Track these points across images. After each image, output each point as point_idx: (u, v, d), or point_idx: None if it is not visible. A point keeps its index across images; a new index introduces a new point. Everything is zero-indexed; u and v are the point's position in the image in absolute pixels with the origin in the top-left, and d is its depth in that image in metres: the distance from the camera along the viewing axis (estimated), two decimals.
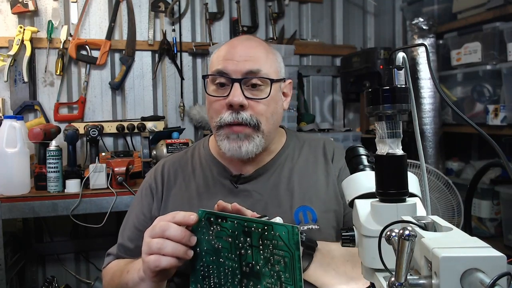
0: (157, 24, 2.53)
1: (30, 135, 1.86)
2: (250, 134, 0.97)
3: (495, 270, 0.41)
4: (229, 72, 0.97)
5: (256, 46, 1.02)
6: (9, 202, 1.75)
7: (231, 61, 0.98)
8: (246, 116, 0.96)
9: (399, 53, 0.60)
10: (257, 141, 0.98)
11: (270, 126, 1.00)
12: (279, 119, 1.06)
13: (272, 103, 1.00)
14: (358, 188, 0.67)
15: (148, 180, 1.13)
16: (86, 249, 2.44)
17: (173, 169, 1.11)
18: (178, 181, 1.08)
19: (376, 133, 0.60)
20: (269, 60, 1.02)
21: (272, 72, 1.01)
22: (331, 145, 1.13)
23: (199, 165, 1.10)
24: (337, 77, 2.89)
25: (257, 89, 0.98)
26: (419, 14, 2.60)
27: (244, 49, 1.00)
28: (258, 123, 0.97)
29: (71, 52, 2.33)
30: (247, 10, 2.70)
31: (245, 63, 0.97)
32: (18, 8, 2.24)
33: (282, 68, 1.07)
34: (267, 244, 0.72)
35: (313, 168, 1.08)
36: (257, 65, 0.98)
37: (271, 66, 1.02)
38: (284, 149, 1.10)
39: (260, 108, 0.98)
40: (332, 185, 1.05)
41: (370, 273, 0.61)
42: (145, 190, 1.11)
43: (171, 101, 2.57)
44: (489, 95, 2.26)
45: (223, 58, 0.99)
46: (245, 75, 0.97)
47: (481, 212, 2.29)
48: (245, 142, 0.97)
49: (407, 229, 0.46)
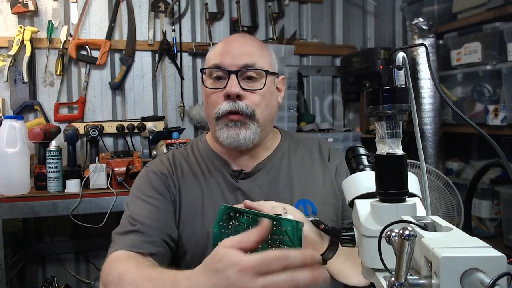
0: (157, 24, 2.53)
1: (30, 135, 1.86)
2: (246, 122, 1.01)
3: (495, 270, 0.41)
4: (225, 66, 1.02)
5: (250, 42, 1.07)
6: (9, 202, 1.75)
7: (228, 55, 1.02)
8: (242, 105, 1.00)
9: (399, 53, 0.60)
10: (253, 129, 1.02)
11: (265, 116, 1.04)
12: (274, 112, 1.09)
13: (267, 94, 1.05)
14: (358, 188, 0.67)
15: (156, 167, 1.08)
16: (86, 249, 2.44)
17: (178, 160, 1.11)
18: (185, 171, 1.09)
19: (376, 133, 0.60)
20: (263, 54, 1.06)
21: (267, 65, 1.05)
22: (326, 144, 1.18)
23: (201, 158, 1.12)
24: (337, 77, 2.89)
25: (252, 81, 1.03)
26: (419, 14, 2.60)
27: (239, 44, 1.05)
28: (254, 112, 1.01)
29: (71, 52, 2.33)
30: (247, 10, 2.70)
31: (241, 57, 1.02)
32: (18, 8, 2.24)
33: (275, 64, 1.11)
34: (275, 238, 0.73)
35: (309, 164, 1.11)
36: (252, 59, 1.02)
37: (265, 60, 1.06)
38: (280, 146, 1.13)
39: (255, 98, 1.02)
40: (329, 180, 1.09)
41: (370, 273, 0.61)
42: (154, 175, 1.06)
43: (171, 101, 2.57)
44: (489, 95, 2.26)
45: (219, 53, 1.04)
46: (241, 68, 1.01)
47: (481, 212, 2.28)
48: (242, 129, 1.01)
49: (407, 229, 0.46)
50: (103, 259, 1.08)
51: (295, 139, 1.18)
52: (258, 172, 1.08)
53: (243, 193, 1.05)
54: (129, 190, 1.80)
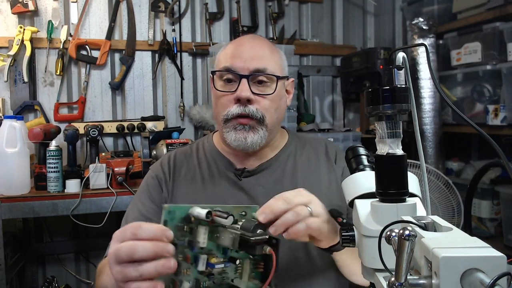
0: (157, 24, 2.53)
1: (30, 135, 1.86)
2: (255, 126, 1.02)
3: (495, 270, 0.41)
4: (237, 69, 1.01)
5: (261, 44, 1.06)
6: (9, 202, 1.75)
7: (239, 58, 1.02)
8: (252, 109, 1.01)
9: (399, 53, 0.60)
10: (261, 133, 1.03)
11: (273, 120, 1.05)
12: (282, 115, 1.10)
13: (277, 99, 1.05)
14: (358, 188, 0.67)
15: (155, 171, 1.13)
16: (86, 249, 2.44)
17: (179, 161, 1.13)
18: (183, 172, 1.11)
19: (376, 133, 0.60)
20: (274, 58, 1.06)
21: (278, 69, 1.05)
22: (333, 146, 1.18)
23: (204, 157, 1.13)
24: (337, 77, 2.89)
25: (263, 85, 1.03)
26: (419, 14, 2.60)
27: (250, 47, 1.04)
28: (263, 117, 1.02)
29: (71, 52, 2.33)
30: (247, 10, 2.70)
31: (252, 61, 1.01)
32: (18, 8, 2.24)
33: (285, 66, 1.11)
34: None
35: (315, 165, 1.12)
36: (263, 63, 1.02)
37: (276, 64, 1.06)
38: (287, 146, 1.14)
39: (265, 103, 1.02)
40: (335, 182, 1.09)
41: (370, 273, 0.61)
42: (151, 180, 1.12)
43: (171, 101, 2.57)
44: (489, 95, 2.26)
45: (230, 56, 1.03)
46: (252, 72, 1.01)
47: (481, 212, 2.28)
48: (250, 133, 1.02)
49: (407, 229, 0.46)
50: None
51: (301, 139, 1.18)
52: (262, 172, 1.08)
53: (246, 192, 1.05)
54: (129, 190, 1.84)
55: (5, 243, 1.79)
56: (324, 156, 1.13)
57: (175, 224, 0.68)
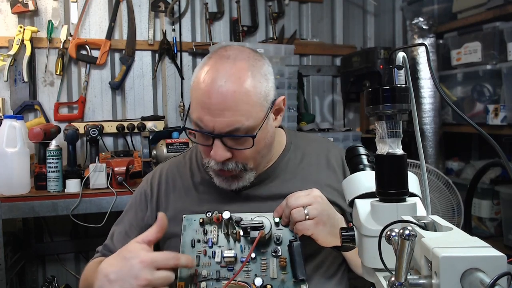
0: (157, 24, 2.53)
1: (30, 135, 1.86)
2: (238, 175, 0.96)
3: (495, 270, 0.41)
4: (208, 128, 0.89)
5: (233, 91, 0.87)
6: (9, 202, 1.75)
7: (208, 111, 0.88)
8: (232, 165, 0.94)
9: (399, 53, 0.60)
10: (247, 178, 0.97)
11: (259, 160, 0.98)
12: (271, 142, 1.01)
13: (261, 141, 0.94)
14: (358, 187, 0.67)
15: (144, 185, 1.12)
16: (86, 249, 2.44)
17: (171, 174, 1.09)
18: (177, 186, 1.07)
19: (376, 133, 0.60)
20: (251, 101, 0.89)
21: (256, 116, 0.90)
22: (336, 148, 1.14)
23: (197, 169, 1.09)
24: (337, 77, 2.89)
25: (240, 140, 0.91)
26: (419, 14, 2.60)
27: (219, 97, 0.87)
28: (246, 166, 0.95)
29: (71, 52, 2.33)
30: (247, 10, 2.70)
31: (222, 120, 0.87)
32: (18, 8, 2.24)
33: (271, 90, 0.94)
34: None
35: (316, 168, 1.07)
36: (236, 121, 0.88)
37: (253, 108, 0.90)
38: (285, 152, 1.08)
39: (245, 155, 0.93)
40: (336, 182, 1.04)
41: (370, 273, 0.61)
42: (139, 196, 1.11)
43: (171, 101, 2.57)
44: (489, 95, 2.26)
45: (201, 105, 0.89)
46: (224, 133, 0.89)
47: (481, 212, 2.29)
48: (235, 182, 0.97)
49: (407, 229, 0.46)
50: None
51: (303, 140, 1.13)
52: (260, 183, 1.03)
53: (243, 202, 1.01)
54: (129, 190, 1.83)
55: (5, 243, 1.79)
56: (324, 159, 1.09)
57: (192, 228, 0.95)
